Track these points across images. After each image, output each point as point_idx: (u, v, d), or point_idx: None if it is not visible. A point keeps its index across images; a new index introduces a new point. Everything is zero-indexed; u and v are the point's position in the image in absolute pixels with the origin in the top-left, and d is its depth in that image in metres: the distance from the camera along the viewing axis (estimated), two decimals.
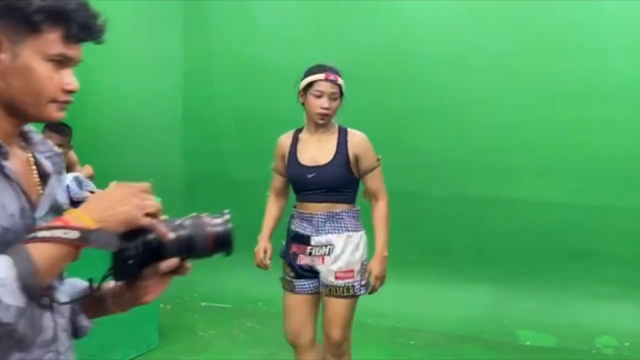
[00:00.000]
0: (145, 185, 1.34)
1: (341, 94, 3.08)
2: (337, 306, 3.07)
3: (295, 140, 3.11)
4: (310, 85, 3.02)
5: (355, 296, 3.09)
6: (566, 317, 5.04)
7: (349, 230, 3.07)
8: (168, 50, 6.06)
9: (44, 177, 1.40)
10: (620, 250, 4.94)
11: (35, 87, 1.30)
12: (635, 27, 4.84)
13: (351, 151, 3.08)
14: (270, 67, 5.79)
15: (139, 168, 6.04)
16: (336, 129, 3.13)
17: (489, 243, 5.26)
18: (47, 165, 1.42)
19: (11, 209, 1.26)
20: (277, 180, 3.29)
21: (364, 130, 5.19)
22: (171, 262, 1.35)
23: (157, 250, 1.32)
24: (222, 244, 1.39)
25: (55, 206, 1.40)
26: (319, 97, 3.00)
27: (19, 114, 1.32)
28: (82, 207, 1.30)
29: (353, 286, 3.06)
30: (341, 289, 3.05)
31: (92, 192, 3.92)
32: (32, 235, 1.23)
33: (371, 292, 3.14)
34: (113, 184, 1.34)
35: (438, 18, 5.31)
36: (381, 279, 3.11)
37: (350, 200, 3.11)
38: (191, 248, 1.35)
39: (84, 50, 1.32)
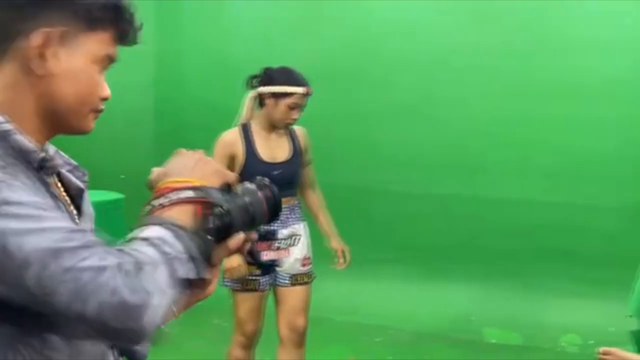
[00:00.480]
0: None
1: None
2: (302, 293, 3.19)
3: (248, 138, 3.08)
4: (287, 95, 3.01)
5: (313, 280, 3.24)
6: (532, 315, 5.06)
7: (303, 220, 3.22)
8: (139, 46, 6.02)
9: (69, 192, 1.26)
10: (589, 249, 4.96)
11: (84, 93, 1.18)
12: (611, 25, 4.85)
13: (302, 145, 3.22)
14: (242, 64, 5.74)
15: (110, 164, 6.04)
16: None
17: (457, 241, 5.28)
18: (73, 180, 1.29)
19: None
20: None
21: (332, 127, 5.25)
22: (239, 238, 1.18)
23: (227, 226, 1.16)
24: (274, 207, 1.26)
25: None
26: (293, 109, 3.02)
27: (56, 125, 1.17)
28: (167, 173, 1.20)
29: (312, 271, 3.23)
30: (306, 275, 3.19)
31: None
32: (157, 203, 1.13)
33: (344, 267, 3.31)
34: (181, 151, 1.28)
35: (408, 17, 5.30)
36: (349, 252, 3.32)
37: (296, 192, 3.24)
38: (252, 216, 1.21)
39: None
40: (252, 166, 3.06)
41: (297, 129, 3.22)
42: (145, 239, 1.04)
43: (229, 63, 5.80)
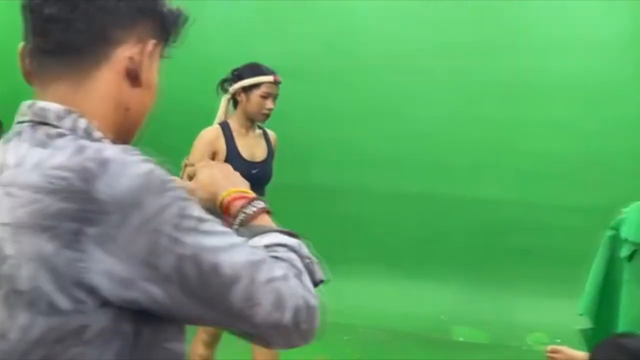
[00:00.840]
0: None
1: None
2: None
3: (229, 135, 3.08)
4: (256, 86, 3.03)
5: None
6: (500, 313, 5.10)
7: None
8: None
9: None
10: (553, 248, 5.03)
11: (150, 107, 1.18)
12: (569, 25, 4.94)
13: (273, 147, 3.26)
14: (221, 65, 5.76)
15: None
16: (256, 127, 3.20)
17: (427, 240, 5.32)
18: None
19: None
20: None
21: (306, 127, 5.27)
22: None
23: None
24: None
25: None
26: (266, 98, 3.03)
27: (120, 138, 1.12)
28: (221, 184, 1.28)
29: None
30: None
31: None
32: (248, 211, 1.20)
33: None
34: (206, 164, 1.37)
35: (380, 17, 5.34)
36: None
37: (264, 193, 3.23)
38: None
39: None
40: (233, 163, 3.03)
41: (270, 132, 3.26)
42: (282, 245, 1.08)
43: (208, 65, 5.77)
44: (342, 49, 5.36)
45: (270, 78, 3.07)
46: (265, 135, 3.23)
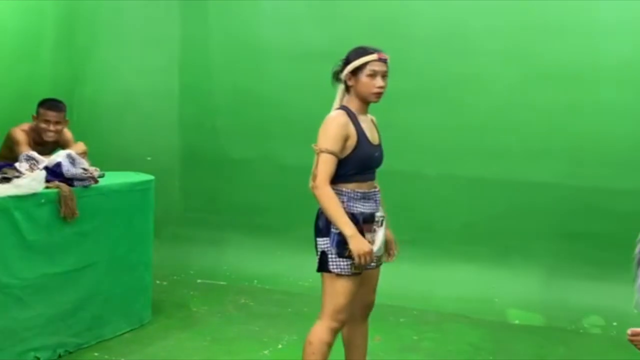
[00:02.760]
0: None
1: None
2: (379, 273, 3.26)
3: (355, 120, 3.05)
4: (362, 66, 3.02)
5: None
6: (554, 296, 5.10)
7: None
8: (165, 27, 6.08)
9: None
10: (607, 232, 4.98)
11: None
12: (624, 8, 4.85)
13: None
14: (267, 46, 5.83)
15: (135, 144, 6.12)
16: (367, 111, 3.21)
17: (479, 223, 5.32)
18: None
19: None
20: (335, 165, 2.96)
21: None
22: None
23: None
24: None
25: None
26: (373, 76, 3.02)
27: None
28: None
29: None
30: (383, 256, 3.24)
31: (84, 170, 3.98)
32: None
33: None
34: None
35: (433, 0, 5.32)
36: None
37: None
38: None
39: (84, 26, 1.19)
40: (363, 147, 3.03)
41: (372, 117, 3.25)
42: None
43: (255, 46, 5.84)
44: (394, 32, 5.33)
45: (374, 56, 3.01)
46: (372, 119, 3.23)
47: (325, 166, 2.94)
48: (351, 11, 5.52)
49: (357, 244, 2.89)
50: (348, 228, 2.90)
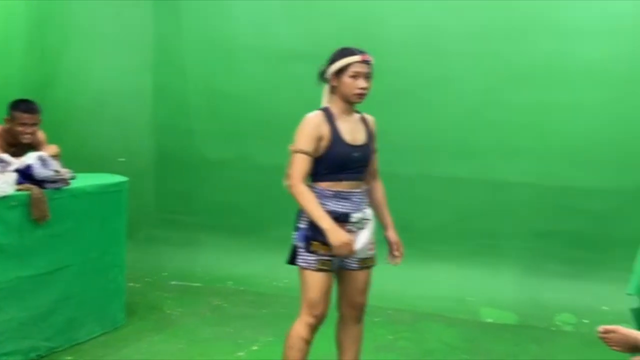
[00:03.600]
0: None
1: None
2: (367, 276, 3.24)
3: (331, 120, 3.09)
4: (345, 67, 3.04)
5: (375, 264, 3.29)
6: (527, 295, 5.16)
7: (370, 205, 3.23)
8: (138, 28, 6.04)
9: None
10: (578, 231, 5.07)
11: None
12: (595, 9, 4.92)
13: (372, 132, 3.24)
14: (242, 46, 5.82)
15: (109, 146, 6.07)
16: (355, 111, 3.21)
17: (453, 223, 5.36)
18: None
19: None
20: (309, 164, 3.03)
21: None
22: None
23: None
24: None
25: None
26: (356, 77, 3.04)
27: None
28: None
29: (375, 255, 3.26)
30: (371, 259, 3.23)
31: (56, 172, 3.94)
32: None
33: (397, 264, 3.39)
34: None
35: (406, 1, 5.35)
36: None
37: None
38: None
39: (56, 28, 1.20)
40: (337, 147, 3.05)
41: (368, 117, 3.26)
42: None
43: (230, 46, 5.83)
44: (367, 33, 5.33)
45: (357, 57, 3.04)
46: (363, 119, 3.23)
47: (298, 165, 3.03)
48: (325, 12, 5.54)
49: (335, 235, 2.93)
50: (324, 221, 2.96)
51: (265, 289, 5.54)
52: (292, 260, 3.14)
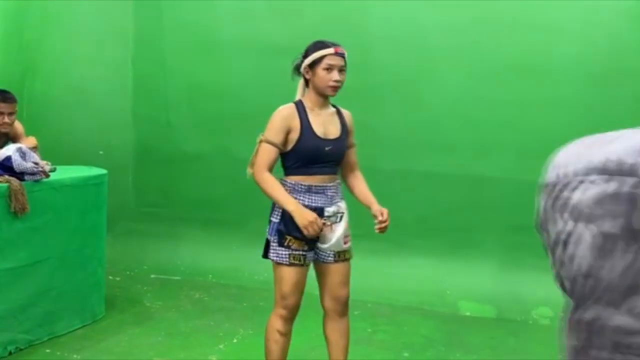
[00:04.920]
0: None
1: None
2: (345, 268, 3.26)
3: (303, 113, 3.10)
4: (319, 60, 3.05)
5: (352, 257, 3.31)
6: (505, 289, 5.21)
7: (344, 198, 3.25)
8: (118, 20, 6.00)
9: None
10: None
11: None
12: (573, 5, 4.97)
13: (348, 126, 3.25)
14: (222, 40, 5.80)
15: (88, 139, 6.04)
16: (330, 105, 3.22)
17: (432, 217, 5.40)
18: None
19: None
20: (274, 154, 3.06)
21: None
22: None
23: None
24: None
25: None
26: (330, 70, 3.04)
27: None
28: None
29: (351, 248, 3.30)
30: (348, 252, 3.26)
31: (35, 164, 3.92)
32: None
33: (384, 230, 3.27)
34: None
35: None
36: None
37: (339, 171, 3.28)
38: None
39: (34, 19, 1.19)
40: (307, 140, 3.06)
41: (344, 111, 3.28)
42: None
43: (210, 40, 5.81)
44: (348, 28, 5.36)
45: (330, 50, 3.06)
46: (339, 113, 3.24)
47: (263, 154, 3.08)
48: (307, 6, 5.54)
49: (300, 216, 2.97)
50: (289, 204, 3.00)
51: (246, 282, 5.56)
52: (266, 254, 3.17)
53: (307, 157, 3.08)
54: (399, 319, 4.90)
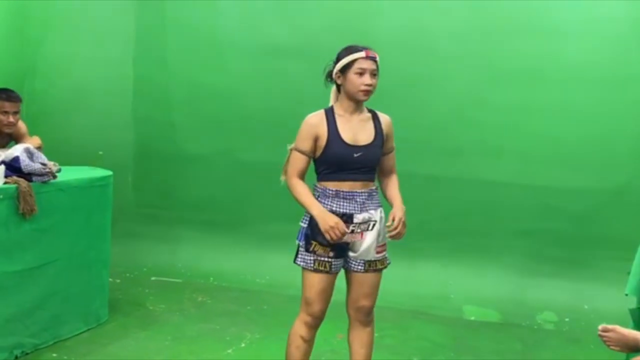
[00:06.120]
0: None
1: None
2: (375, 279, 3.20)
3: (332, 120, 3.07)
4: (350, 64, 3.01)
5: (386, 267, 3.24)
6: (509, 293, 5.21)
7: (381, 206, 3.17)
8: (120, 19, 5.92)
9: None
10: (560, 229, 5.13)
11: None
12: (579, 11, 4.98)
13: (385, 131, 3.18)
14: (225, 39, 5.75)
15: (88, 139, 5.97)
16: (366, 110, 3.18)
17: (437, 221, 5.38)
18: None
19: None
20: (304, 162, 3.07)
21: (312, 108, 5.26)
22: None
23: None
24: None
25: None
26: (361, 74, 3.01)
27: None
28: None
29: (386, 257, 3.22)
30: (380, 261, 3.17)
31: (43, 165, 3.85)
32: None
33: (396, 237, 3.10)
34: None
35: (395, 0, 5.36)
36: (404, 224, 3.13)
37: (375, 177, 3.20)
38: None
39: (35, 19, 1.15)
40: (334, 147, 3.02)
41: (382, 115, 3.21)
42: None
43: (213, 39, 5.75)
44: (353, 29, 5.33)
45: (362, 54, 3.02)
46: (375, 118, 3.18)
47: (292, 162, 3.09)
48: (312, 8, 5.50)
49: (323, 220, 2.95)
50: (313, 208, 3.00)
51: (248, 285, 5.52)
52: (295, 259, 3.14)
53: (336, 163, 3.04)
54: (404, 324, 4.88)
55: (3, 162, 3.72)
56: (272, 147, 3.14)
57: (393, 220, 3.07)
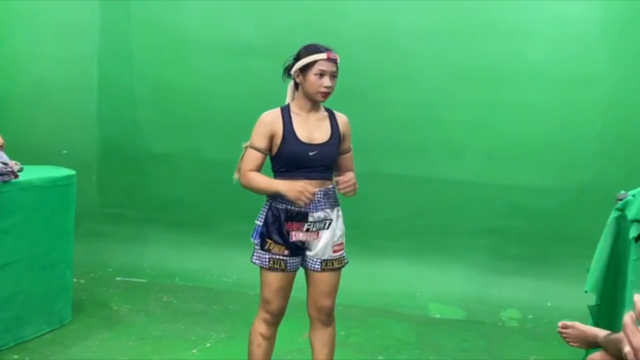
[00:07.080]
0: None
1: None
2: (332, 278, 3.17)
3: (287, 118, 3.05)
4: (311, 64, 2.99)
5: (344, 266, 3.23)
6: (474, 291, 5.27)
7: (337, 205, 3.17)
8: (84, 15, 5.86)
9: None
10: (523, 228, 5.20)
11: None
12: (544, 11, 5.05)
13: (341, 130, 3.17)
14: (191, 37, 5.72)
15: (51, 137, 5.89)
16: (323, 109, 3.16)
17: (402, 220, 5.43)
18: None
19: None
20: (259, 159, 3.04)
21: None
22: None
23: None
24: None
25: None
26: (321, 75, 2.99)
27: None
28: None
29: (344, 256, 3.21)
30: (337, 260, 3.16)
31: (4, 164, 3.80)
32: None
33: (348, 190, 3.05)
34: None
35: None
36: (355, 184, 3.10)
37: (331, 176, 3.18)
38: None
39: None
40: (289, 145, 3.01)
41: (339, 115, 3.20)
42: None
43: (179, 37, 5.72)
44: (320, 29, 5.34)
45: (323, 55, 2.99)
46: (331, 117, 3.17)
47: (247, 159, 3.06)
48: (279, 7, 5.50)
49: (290, 190, 2.91)
50: (276, 185, 2.98)
51: (215, 285, 5.50)
52: (251, 256, 3.14)
53: (291, 161, 3.03)
54: (370, 322, 4.90)
55: None
56: (238, 147, 3.10)
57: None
